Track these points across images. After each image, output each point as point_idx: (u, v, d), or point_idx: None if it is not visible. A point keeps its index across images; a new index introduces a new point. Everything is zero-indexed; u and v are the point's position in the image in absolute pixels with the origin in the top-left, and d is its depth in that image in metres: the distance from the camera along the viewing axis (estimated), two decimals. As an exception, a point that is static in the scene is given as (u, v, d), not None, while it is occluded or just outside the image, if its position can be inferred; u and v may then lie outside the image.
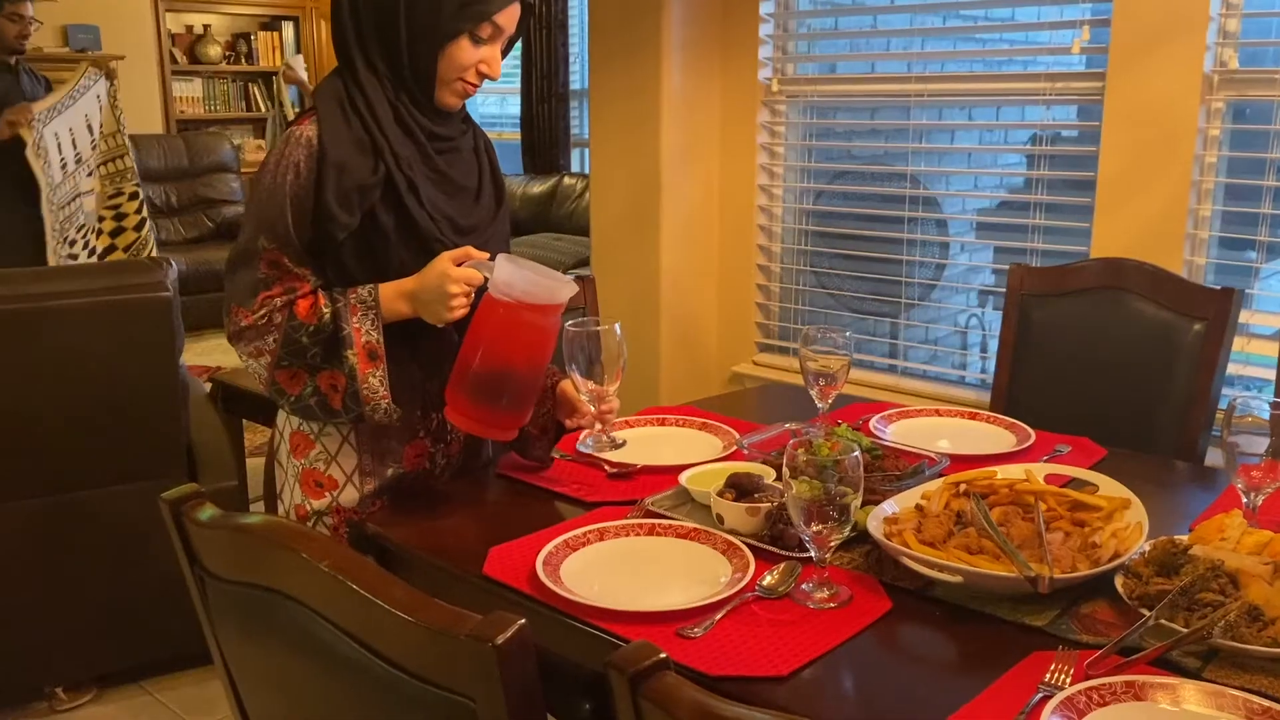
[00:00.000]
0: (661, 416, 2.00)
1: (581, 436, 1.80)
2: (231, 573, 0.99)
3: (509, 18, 1.56)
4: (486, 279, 1.52)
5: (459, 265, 1.51)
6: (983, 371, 3.35)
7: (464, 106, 1.64)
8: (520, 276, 1.49)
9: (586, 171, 6.95)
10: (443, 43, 1.52)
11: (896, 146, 3.25)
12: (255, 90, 7.69)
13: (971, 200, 3.35)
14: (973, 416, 2.02)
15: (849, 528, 1.28)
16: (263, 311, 1.49)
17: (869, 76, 3.27)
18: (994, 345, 3.39)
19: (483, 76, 1.57)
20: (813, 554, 1.30)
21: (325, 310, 1.50)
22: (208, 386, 3.06)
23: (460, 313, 1.52)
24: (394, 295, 1.53)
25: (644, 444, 1.87)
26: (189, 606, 2.67)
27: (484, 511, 1.65)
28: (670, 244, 3.38)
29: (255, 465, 3.49)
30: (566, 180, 6.63)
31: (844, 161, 3.43)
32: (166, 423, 2.46)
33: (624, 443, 1.76)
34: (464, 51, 1.54)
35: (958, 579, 1.28)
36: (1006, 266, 3.02)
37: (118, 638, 2.52)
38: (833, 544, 1.28)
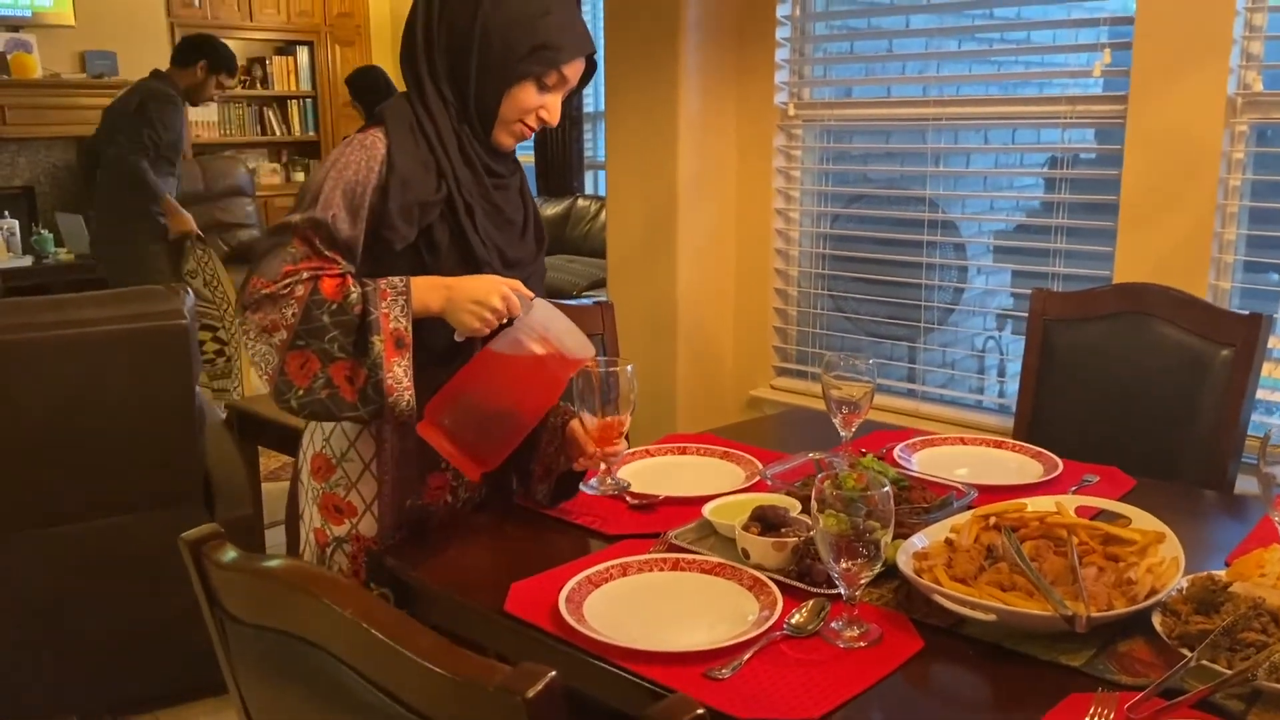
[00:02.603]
0: (682, 445, 1.98)
1: (587, 478, 1.77)
2: (252, 616, 0.97)
3: (575, 70, 1.61)
4: (513, 319, 1.51)
5: None
6: (1001, 395, 3.32)
7: (515, 149, 1.67)
8: (557, 322, 1.49)
9: (601, 194, 6.95)
10: (510, 84, 1.56)
11: (914, 170, 3.23)
12: (271, 115, 7.73)
13: (991, 223, 3.33)
14: (998, 445, 1.99)
15: (880, 565, 1.25)
16: (285, 282, 1.44)
17: (886, 100, 3.26)
18: (1012, 368, 3.37)
19: (541, 122, 1.61)
20: (842, 591, 1.27)
21: (352, 291, 1.45)
22: (224, 414, 3.05)
23: (484, 329, 1.50)
24: (429, 286, 1.50)
25: (664, 473, 1.85)
26: (203, 636, 2.64)
27: (503, 544, 1.62)
28: (686, 267, 3.36)
29: (269, 490, 3.48)
30: (580, 202, 6.64)
31: (861, 185, 3.41)
32: (183, 451, 2.45)
33: (629, 484, 1.73)
34: (528, 95, 1.57)
35: (991, 617, 1.25)
36: (1025, 290, 3.01)
37: (132, 667, 2.50)
38: (863, 581, 1.25)
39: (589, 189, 6.96)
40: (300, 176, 7.79)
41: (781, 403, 3.37)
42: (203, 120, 7.36)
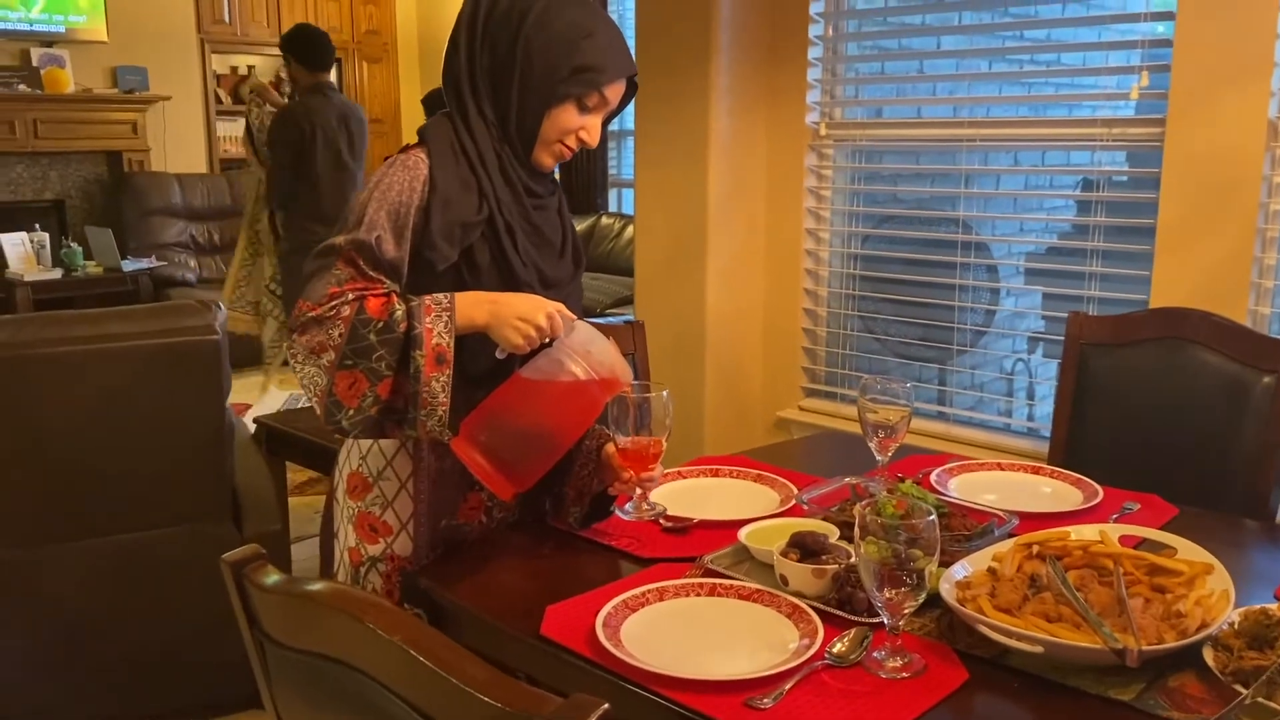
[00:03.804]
0: (714, 467, 1.96)
1: (620, 503, 1.75)
2: (294, 639, 0.96)
3: (616, 92, 1.60)
4: (552, 340, 1.51)
5: None
6: (1029, 419, 3.29)
7: (554, 169, 1.66)
8: (599, 344, 1.48)
9: (624, 211, 6.96)
10: (551, 105, 1.56)
11: (946, 191, 3.22)
12: (297, 130, 7.77)
13: (1024, 245, 3.31)
14: (1036, 471, 1.97)
15: (924, 594, 1.23)
16: (331, 304, 1.44)
17: (919, 121, 3.24)
18: (1040, 391, 3.34)
19: (581, 143, 1.61)
20: (885, 620, 1.25)
21: (397, 308, 1.44)
22: (252, 428, 3.06)
23: (527, 346, 1.49)
24: (474, 301, 1.49)
25: (697, 496, 1.83)
26: (233, 650, 2.63)
27: (537, 566, 1.61)
28: (715, 287, 3.35)
29: (294, 505, 3.48)
30: (604, 220, 6.65)
31: (891, 205, 3.39)
32: (213, 466, 2.45)
33: (664, 510, 1.71)
34: (569, 116, 1.57)
35: (1038, 649, 1.22)
36: (1057, 312, 2.99)
37: (161, 681, 2.50)
38: (907, 610, 1.23)
39: (612, 206, 6.97)
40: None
41: (810, 424, 3.35)
42: (230, 136, 7.42)
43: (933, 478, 1.89)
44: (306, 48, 4.51)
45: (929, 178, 3.32)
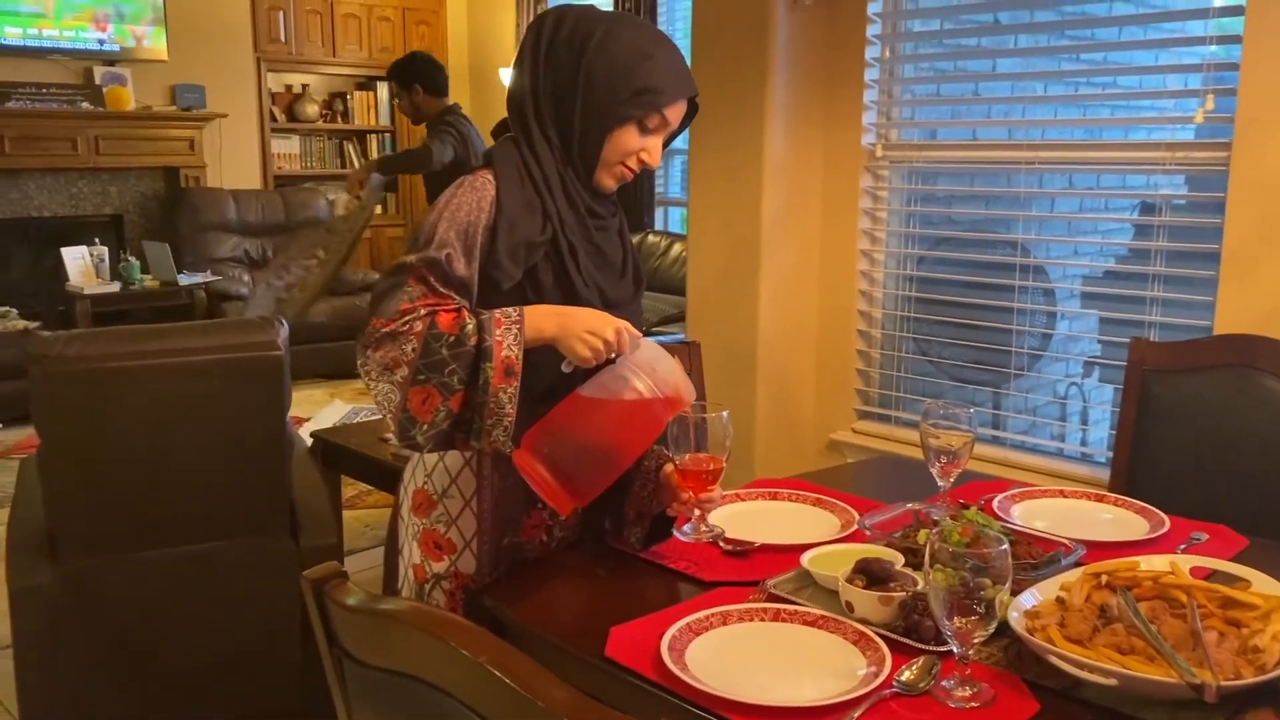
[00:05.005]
0: (773, 490, 1.96)
1: (679, 523, 1.75)
2: (375, 658, 0.97)
3: (676, 112, 1.62)
4: (616, 357, 1.52)
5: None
6: (1083, 444, 3.25)
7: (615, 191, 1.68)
8: (664, 362, 1.48)
9: (671, 230, 6.98)
10: (612, 126, 1.58)
11: (1005, 214, 3.20)
12: (350, 148, 7.89)
13: (1082, 269, 3.27)
14: (1100, 499, 1.94)
15: (994, 623, 1.22)
16: (404, 320, 1.45)
17: (976, 143, 3.23)
18: (1094, 416, 3.30)
19: (642, 164, 1.62)
20: (954, 649, 1.24)
21: (468, 322, 1.46)
22: (309, 442, 3.09)
23: (594, 359, 1.50)
24: (543, 313, 1.51)
25: (756, 519, 1.83)
26: (290, 661, 2.65)
27: (599, 587, 1.61)
28: (768, 307, 3.35)
29: (345, 518, 3.52)
30: (650, 238, 6.67)
31: (947, 227, 3.37)
32: (273, 480, 2.48)
33: (723, 532, 1.71)
34: (630, 138, 1.59)
35: (1112, 682, 1.21)
36: (1114, 337, 2.95)
37: (218, 692, 2.53)
38: (976, 640, 1.22)
39: (658, 225, 6.99)
40: (377, 210, 7.93)
41: (862, 446, 3.33)
42: (284, 153, 7.55)
43: (995, 504, 1.87)
44: (432, 74, 4.64)
45: (987, 200, 3.30)
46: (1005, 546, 1.21)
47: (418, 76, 4.61)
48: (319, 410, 5.14)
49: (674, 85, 1.60)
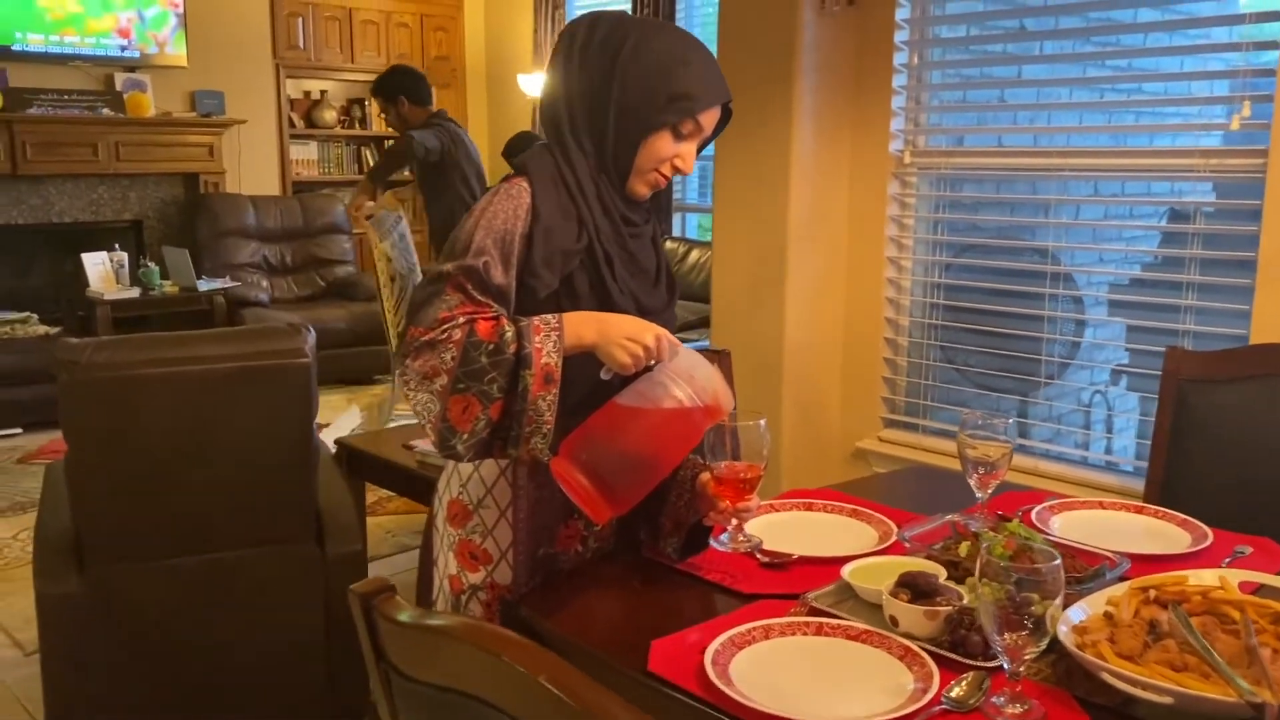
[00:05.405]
0: (808, 501, 1.93)
1: (716, 533, 1.73)
2: (426, 674, 0.95)
3: (711, 118, 1.60)
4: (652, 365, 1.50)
5: None
6: (1107, 452, 3.22)
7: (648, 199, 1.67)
8: (703, 370, 1.47)
9: (689, 236, 6.96)
10: (646, 133, 1.56)
11: (1035, 222, 3.17)
12: (367, 154, 7.90)
13: (1113, 277, 3.24)
14: (1139, 510, 1.91)
15: (1046, 639, 1.20)
16: (443, 328, 1.44)
17: (1006, 150, 3.20)
18: (1125, 424, 3.27)
19: (676, 171, 1.61)
20: (1004, 665, 1.22)
21: (507, 330, 1.44)
22: (332, 448, 3.09)
23: (633, 366, 1.48)
24: (581, 319, 1.49)
25: (792, 530, 1.81)
26: (316, 669, 2.63)
27: (637, 599, 1.60)
28: (794, 315, 3.33)
29: (370, 524, 3.50)
30: (668, 244, 6.65)
31: (976, 235, 3.35)
32: (300, 487, 2.47)
33: (761, 542, 1.69)
34: (664, 144, 1.57)
35: (1168, 700, 1.18)
36: (1148, 346, 2.92)
37: (244, 700, 2.52)
38: (1028, 656, 1.20)
39: (676, 231, 6.98)
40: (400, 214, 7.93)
41: (889, 455, 3.31)
42: (302, 159, 7.56)
43: (1034, 515, 1.84)
44: (415, 85, 4.72)
45: (1016, 207, 3.28)
46: (1058, 562, 1.19)
47: (401, 89, 4.68)
48: (337, 416, 5.15)
49: (709, 91, 1.58)
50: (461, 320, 1.44)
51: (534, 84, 7.21)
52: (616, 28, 1.58)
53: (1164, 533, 1.82)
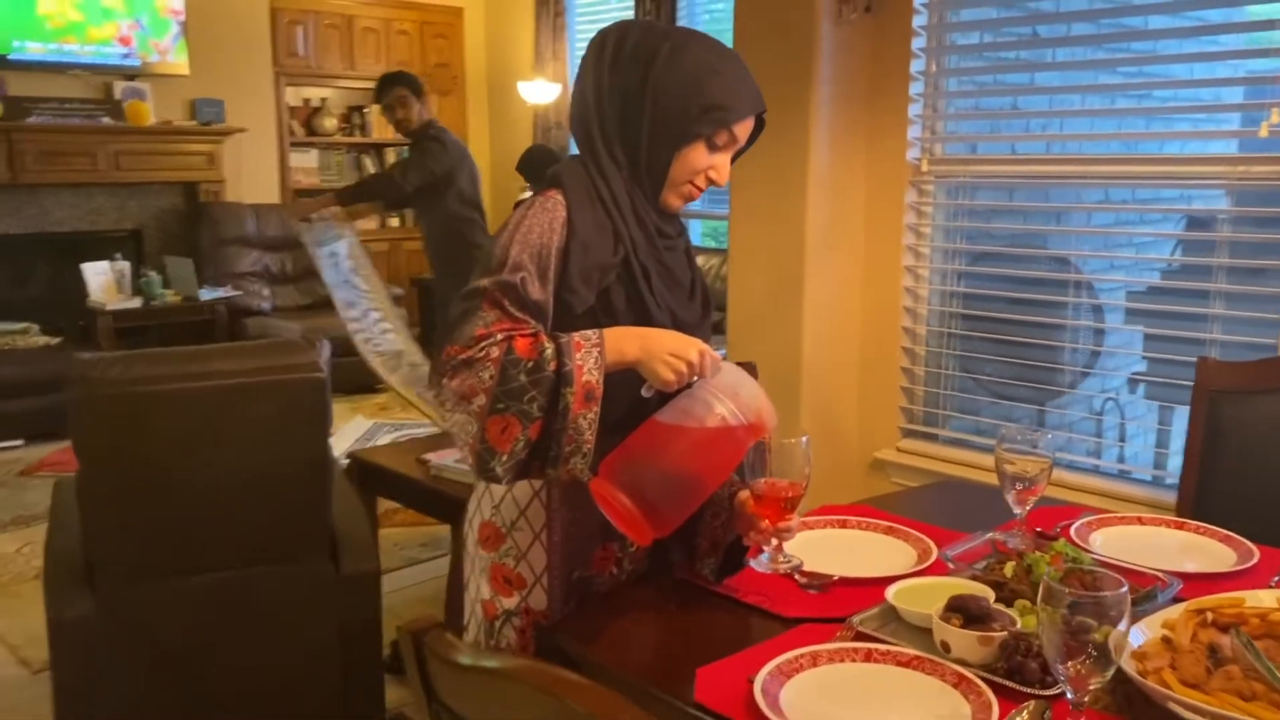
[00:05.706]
0: (842, 518, 1.89)
1: (753, 553, 1.68)
2: (481, 715, 0.91)
3: (745, 129, 1.57)
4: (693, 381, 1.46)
5: None
6: (1120, 460, 3.18)
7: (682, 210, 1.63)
8: (747, 387, 1.43)
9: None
10: (680, 145, 1.53)
11: (1055, 230, 3.14)
12: (367, 161, 7.86)
13: (1135, 286, 3.21)
14: (1179, 526, 1.88)
15: (1111, 669, 1.15)
16: (480, 346, 1.39)
17: (1025, 157, 3.16)
18: (1130, 431, 3.24)
19: (710, 183, 1.57)
20: (1069, 695, 1.17)
21: (547, 347, 1.39)
22: (345, 463, 3.04)
23: (677, 382, 1.44)
24: (623, 335, 1.44)
25: (828, 549, 1.76)
26: (330, 687, 2.59)
27: (675, 624, 1.55)
28: (812, 324, 3.28)
29: (379, 537, 3.45)
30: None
31: (993, 243, 3.31)
32: (314, 503, 2.43)
33: (801, 563, 1.65)
34: (698, 156, 1.54)
35: (1239, 731, 1.14)
36: (1173, 355, 2.87)
37: (262, 717, 2.47)
38: (1092, 686, 1.16)
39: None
40: (394, 223, 7.89)
41: (907, 465, 3.27)
42: (302, 166, 7.51)
43: (1073, 531, 1.80)
44: (422, 86, 4.67)
45: (1032, 214, 3.24)
46: (1125, 589, 1.15)
47: (421, 84, 4.65)
48: (342, 425, 5.10)
49: (743, 101, 1.55)
50: (500, 337, 1.40)
51: (534, 91, 7.17)
52: (648, 37, 1.54)
53: (1206, 549, 1.78)
